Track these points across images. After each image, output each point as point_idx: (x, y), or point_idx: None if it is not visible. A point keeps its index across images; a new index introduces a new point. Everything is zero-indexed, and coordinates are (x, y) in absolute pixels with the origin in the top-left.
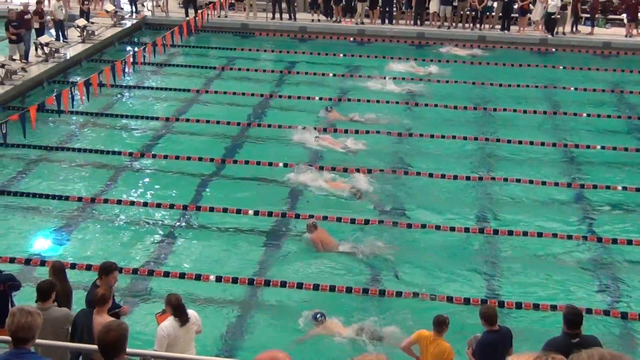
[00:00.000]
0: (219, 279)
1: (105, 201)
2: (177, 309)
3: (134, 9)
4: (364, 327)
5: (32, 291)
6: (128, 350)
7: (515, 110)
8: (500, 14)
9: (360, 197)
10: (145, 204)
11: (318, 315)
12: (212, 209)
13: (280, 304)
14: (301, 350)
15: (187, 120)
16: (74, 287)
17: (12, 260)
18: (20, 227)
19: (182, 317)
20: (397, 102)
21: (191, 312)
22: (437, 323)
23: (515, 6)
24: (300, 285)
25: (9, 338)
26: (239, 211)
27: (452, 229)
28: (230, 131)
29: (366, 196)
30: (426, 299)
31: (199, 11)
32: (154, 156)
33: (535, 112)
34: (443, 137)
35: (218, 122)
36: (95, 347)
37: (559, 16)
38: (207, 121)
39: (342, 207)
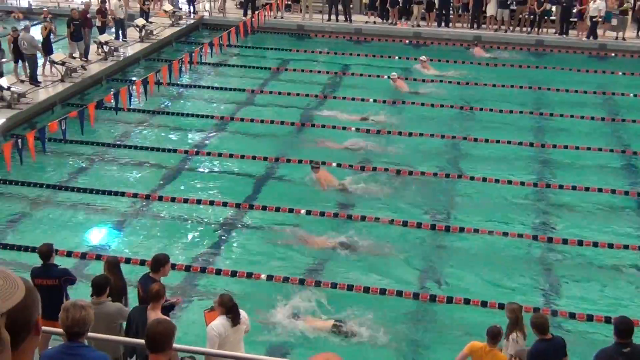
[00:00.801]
0: (270, 277)
1: (160, 198)
2: (230, 309)
3: (192, 9)
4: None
5: (86, 286)
6: (176, 346)
7: (572, 116)
8: (557, 18)
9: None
10: (198, 202)
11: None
12: (264, 208)
13: (330, 303)
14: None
15: (242, 119)
16: (128, 283)
17: (68, 254)
18: (77, 222)
19: (234, 317)
20: (451, 106)
21: (242, 313)
22: (492, 334)
23: (574, 10)
24: (350, 287)
25: (61, 331)
26: (291, 210)
27: (505, 234)
28: (284, 131)
29: (421, 199)
30: (477, 305)
31: (256, 12)
32: (208, 154)
33: (593, 118)
34: (498, 141)
35: (272, 122)
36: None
37: (615, 22)
38: (262, 121)
39: (392, 210)
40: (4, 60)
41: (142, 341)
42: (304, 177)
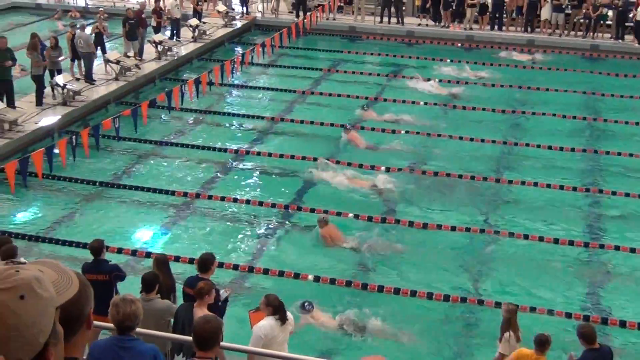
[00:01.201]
0: (317, 279)
1: (210, 197)
2: (278, 309)
3: (244, 10)
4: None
5: (135, 282)
6: (222, 344)
7: (627, 122)
8: (612, 23)
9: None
10: (247, 202)
11: (306, 304)
12: (312, 210)
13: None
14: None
15: (292, 120)
16: (177, 280)
17: (119, 250)
18: (128, 219)
19: (282, 317)
20: (503, 111)
21: (288, 313)
22: (539, 342)
23: (631, 15)
24: (381, 289)
25: (110, 325)
26: (339, 213)
27: (556, 240)
28: (334, 133)
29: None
30: (526, 311)
31: (308, 13)
32: (258, 154)
33: None
34: (550, 147)
35: (322, 124)
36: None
37: None
38: (311, 122)
39: (438, 214)
40: (61, 58)
41: (190, 338)
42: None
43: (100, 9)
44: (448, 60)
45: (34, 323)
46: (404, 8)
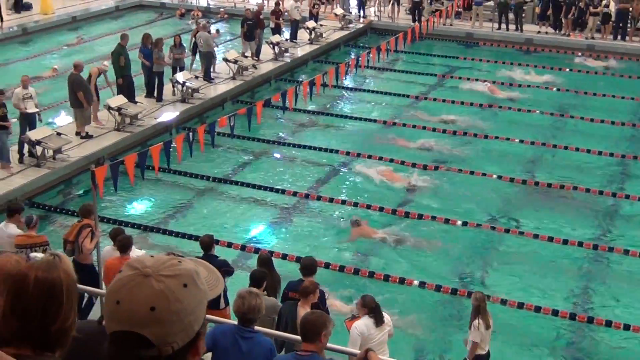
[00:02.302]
0: (422, 284)
1: (319, 198)
2: (373, 309)
3: (361, 14)
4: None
5: (243, 277)
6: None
7: None
8: None
9: None
10: (355, 204)
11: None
12: (420, 216)
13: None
14: None
15: (404, 125)
16: (283, 278)
17: (229, 245)
18: (238, 216)
19: (377, 318)
20: (548, 114)
21: (386, 315)
22: None
23: None
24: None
25: (223, 320)
26: (447, 221)
27: (595, 247)
28: (446, 140)
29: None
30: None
31: (425, 18)
32: (369, 157)
33: None
34: (588, 151)
35: (434, 130)
36: (297, 337)
37: None
38: (424, 127)
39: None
40: (183, 55)
41: (293, 336)
42: (468, 187)
43: (222, 9)
44: (567, 70)
45: (192, 311)
46: (523, 15)
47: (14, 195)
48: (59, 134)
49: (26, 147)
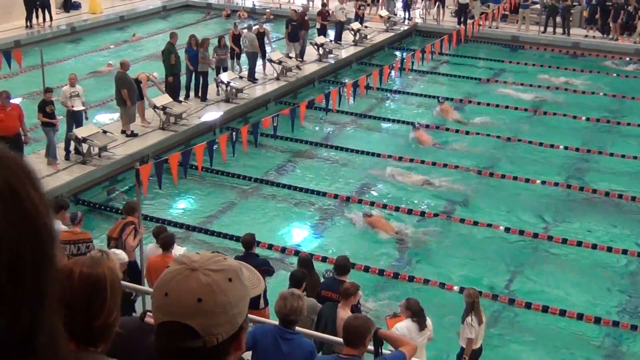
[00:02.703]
0: (461, 290)
1: (359, 201)
2: (417, 313)
3: (407, 16)
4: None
5: (283, 278)
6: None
7: None
8: None
9: None
10: (396, 209)
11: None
12: (462, 220)
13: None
14: None
15: (447, 129)
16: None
17: (269, 246)
18: (280, 216)
19: (420, 322)
20: (594, 120)
21: (428, 319)
22: None
23: None
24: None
25: (264, 319)
26: (489, 225)
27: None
28: (490, 144)
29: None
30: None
31: (471, 21)
32: (411, 161)
33: None
34: (635, 157)
35: (477, 134)
36: (336, 339)
37: None
38: (467, 132)
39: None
40: (227, 56)
41: (333, 337)
42: (512, 191)
43: (267, 10)
44: (615, 75)
45: (236, 304)
46: (570, 18)
47: (60, 191)
48: (104, 131)
49: (72, 144)
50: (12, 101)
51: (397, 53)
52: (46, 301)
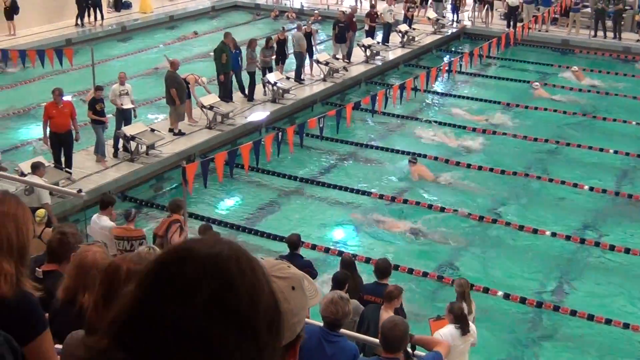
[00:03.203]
0: (506, 296)
1: (405, 201)
2: (460, 318)
3: (455, 18)
4: None
5: (327, 279)
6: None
7: None
8: None
9: None
10: (442, 209)
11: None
12: (521, 228)
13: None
14: None
15: (494, 132)
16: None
17: (313, 247)
18: (324, 217)
19: (463, 327)
20: None
21: (471, 325)
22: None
23: None
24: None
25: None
26: (535, 231)
27: None
28: (536, 148)
29: None
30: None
31: (521, 24)
32: (457, 164)
33: None
34: None
35: (525, 137)
36: (377, 340)
37: None
38: (514, 135)
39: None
40: (274, 57)
41: (372, 339)
42: (560, 197)
43: (315, 11)
44: None
45: (297, 313)
46: (622, 22)
47: (107, 188)
48: (152, 130)
49: (121, 141)
50: (64, 98)
51: (445, 55)
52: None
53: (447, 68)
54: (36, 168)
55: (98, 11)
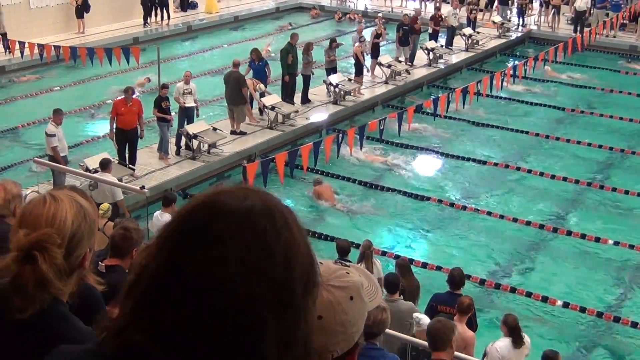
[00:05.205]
0: (566, 305)
1: (464, 208)
2: (514, 330)
3: (521, 22)
4: None
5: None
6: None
7: None
8: None
9: None
10: (501, 217)
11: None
12: (583, 236)
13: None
14: None
15: (557, 138)
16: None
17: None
18: (382, 221)
19: (517, 339)
20: None
21: (526, 337)
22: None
23: None
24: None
25: None
26: (597, 239)
27: None
28: (603, 156)
29: None
30: None
31: (587, 29)
32: (517, 169)
33: None
34: None
35: (589, 145)
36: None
37: None
38: (578, 142)
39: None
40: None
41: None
42: (616, 205)
43: (379, 14)
44: None
45: (355, 323)
46: None
47: (169, 185)
48: (214, 129)
49: (183, 139)
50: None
51: (509, 60)
52: (310, 317)
53: (512, 73)
54: (106, 165)
55: (165, 11)
